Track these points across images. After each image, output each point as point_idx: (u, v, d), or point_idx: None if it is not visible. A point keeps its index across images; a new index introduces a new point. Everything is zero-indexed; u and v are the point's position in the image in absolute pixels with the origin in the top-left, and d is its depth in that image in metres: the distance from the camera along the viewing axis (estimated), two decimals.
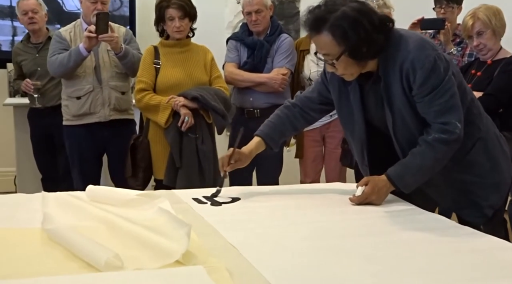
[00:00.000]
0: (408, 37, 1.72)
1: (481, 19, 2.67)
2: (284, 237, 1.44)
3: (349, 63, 1.70)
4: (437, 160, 1.75)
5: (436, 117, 1.71)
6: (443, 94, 1.69)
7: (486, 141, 1.85)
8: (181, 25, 2.99)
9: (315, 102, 1.99)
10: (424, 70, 1.66)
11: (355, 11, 1.65)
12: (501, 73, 2.65)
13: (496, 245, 1.40)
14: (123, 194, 1.78)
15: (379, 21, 1.69)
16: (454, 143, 1.73)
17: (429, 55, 1.67)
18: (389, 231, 1.51)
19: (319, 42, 1.72)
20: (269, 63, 3.25)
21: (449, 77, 1.70)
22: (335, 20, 1.65)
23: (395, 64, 1.71)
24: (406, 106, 1.74)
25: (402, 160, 1.79)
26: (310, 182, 3.53)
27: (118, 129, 3.27)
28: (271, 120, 2.03)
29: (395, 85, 1.73)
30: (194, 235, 1.39)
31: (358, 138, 1.88)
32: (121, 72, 3.25)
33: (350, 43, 1.65)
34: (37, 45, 3.70)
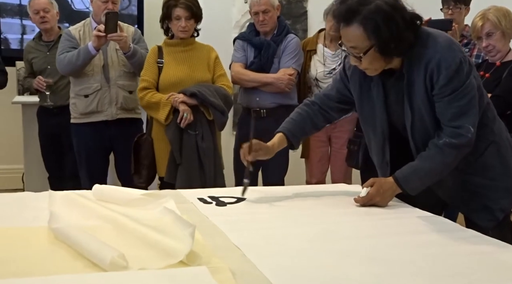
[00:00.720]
0: (437, 37, 1.71)
1: (490, 20, 2.66)
2: (288, 239, 1.44)
3: (375, 58, 1.69)
4: (446, 164, 1.75)
5: (451, 120, 1.71)
6: (463, 97, 1.69)
7: (499, 145, 1.85)
8: (186, 25, 3.01)
9: (333, 100, 1.99)
10: (450, 71, 1.66)
11: (389, 5, 1.63)
12: (510, 75, 2.64)
13: (500, 248, 1.40)
14: (129, 194, 1.79)
15: (410, 18, 1.67)
16: (465, 147, 1.73)
17: (456, 56, 1.67)
18: (392, 233, 1.52)
19: (347, 34, 1.68)
20: (275, 63, 3.26)
21: (470, 81, 1.69)
22: (368, 13, 1.62)
23: (420, 62, 1.70)
24: (427, 105, 1.73)
25: (411, 163, 1.78)
26: (316, 182, 3.53)
27: (125, 127, 3.29)
28: (292, 117, 2.02)
29: (418, 84, 1.72)
30: (198, 235, 1.40)
31: (381, 133, 1.86)
32: (129, 71, 3.27)
33: (381, 38, 1.63)
34: (48, 43, 3.72)
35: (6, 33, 4.59)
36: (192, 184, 2.96)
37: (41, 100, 3.71)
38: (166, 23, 3.10)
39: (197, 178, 2.99)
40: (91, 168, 3.32)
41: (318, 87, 3.40)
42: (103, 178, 3.37)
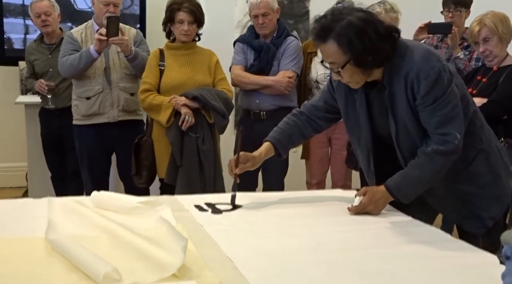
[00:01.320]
0: (414, 48, 1.74)
1: (487, 25, 2.67)
2: (281, 250, 1.47)
3: (354, 71, 1.73)
4: (435, 171, 1.78)
5: (437, 128, 1.73)
6: (445, 105, 1.71)
7: (488, 153, 1.87)
8: (189, 29, 3.04)
9: (321, 110, 2.02)
10: (429, 81, 1.69)
11: (361, 20, 1.68)
12: (506, 80, 2.65)
13: (490, 261, 1.42)
14: (126, 202, 1.82)
15: (385, 31, 1.71)
16: (452, 154, 1.75)
17: (434, 66, 1.70)
18: (384, 245, 1.54)
19: (325, 51, 1.75)
20: (275, 66, 3.27)
21: (451, 89, 1.72)
22: (340, 29, 1.67)
23: (400, 74, 1.73)
24: (409, 115, 1.76)
25: (401, 171, 1.82)
26: (316, 183, 3.56)
27: (126, 129, 3.32)
28: (279, 127, 2.06)
29: (399, 95, 1.75)
30: (192, 246, 1.43)
31: (365, 145, 1.90)
32: (131, 73, 3.30)
33: (355, 52, 1.68)
34: (50, 46, 3.74)
35: (9, 33, 4.63)
36: (192, 186, 3.00)
37: (43, 102, 3.75)
38: (168, 26, 3.12)
39: (197, 180, 3.03)
40: (93, 169, 3.36)
41: (319, 89, 3.41)
42: (105, 178, 3.41)
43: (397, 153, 1.83)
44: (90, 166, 3.35)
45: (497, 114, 2.60)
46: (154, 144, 3.14)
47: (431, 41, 3.46)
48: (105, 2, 3.20)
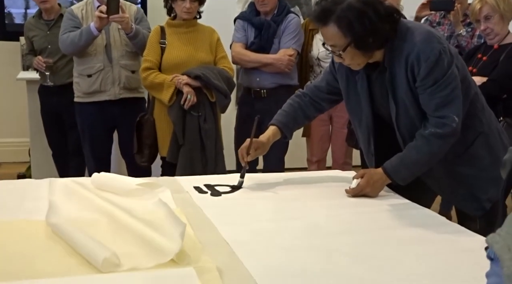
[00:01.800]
0: (415, 29, 1.74)
1: (489, 3, 2.64)
2: (278, 234, 1.49)
3: (355, 53, 1.73)
4: (433, 154, 1.79)
5: (435, 110, 1.74)
6: (445, 87, 1.71)
7: (488, 136, 1.87)
8: (191, 7, 3.02)
9: (323, 91, 2.03)
10: (429, 62, 1.69)
11: (360, 2, 1.67)
12: (506, 59, 2.64)
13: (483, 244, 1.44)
14: (126, 183, 1.85)
15: (385, 11, 1.70)
16: (450, 137, 1.76)
17: (435, 48, 1.69)
18: (381, 228, 1.56)
19: (326, 34, 1.75)
20: (276, 44, 3.26)
21: (451, 71, 1.72)
22: (341, 12, 1.67)
23: (401, 55, 1.73)
24: (410, 97, 1.76)
25: (399, 153, 1.83)
26: (317, 161, 3.58)
27: (128, 106, 3.33)
28: (284, 109, 2.06)
29: (400, 76, 1.75)
30: (190, 230, 1.46)
31: (365, 126, 1.91)
32: (132, 51, 3.29)
33: (355, 34, 1.68)
34: (48, 22, 3.71)
35: (9, 8, 4.59)
36: (193, 164, 3.03)
37: (41, 79, 3.74)
38: (169, 3, 3.10)
39: (198, 159, 3.05)
40: (95, 146, 3.38)
41: (320, 67, 3.40)
42: (107, 156, 3.44)
43: (397, 134, 1.84)
44: (92, 143, 3.37)
45: (496, 93, 2.59)
46: (155, 123, 3.15)
47: (434, 18, 3.43)
48: None
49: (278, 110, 3.24)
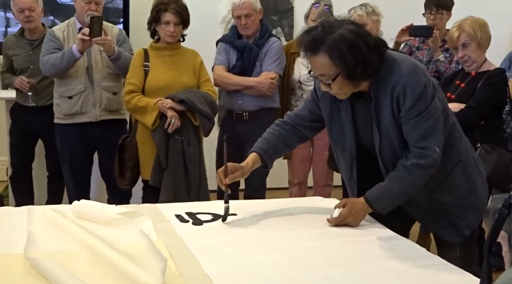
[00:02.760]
0: (402, 61, 1.77)
1: (466, 31, 2.69)
2: (261, 267, 1.49)
3: (344, 83, 1.75)
4: (414, 184, 1.82)
5: (418, 141, 1.77)
6: (428, 119, 1.75)
7: (466, 164, 1.91)
8: (175, 31, 3.03)
9: (305, 119, 2.03)
10: (414, 94, 1.72)
11: (352, 33, 1.70)
12: (484, 86, 2.69)
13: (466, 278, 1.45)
14: (107, 212, 1.83)
15: (374, 43, 1.74)
16: (431, 168, 1.79)
17: (420, 80, 1.73)
18: (363, 260, 1.56)
19: (315, 63, 1.76)
20: (257, 67, 3.28)
21: (434, 104, 1.75)
22: (333, 42, 1.69)
23: (387, 86, 1.76)
24: (394, 127, 1.79)
25: (381, 183, 1.84)
26: (298, 183, 3.60)
27: (109, 128, 3.31)
28: (264, 137, 2.05)
29: (385, 106, 1.78)
30: (171, 264, 1.45)
31: (349, 154, 1.92)
32: (113, 72, 3.28)
33: (346, 65, 1.70)
34: (31, 42, 3.63)
35: None
36: (177, 188, 3.02)
37: (21, 99, 3.61)
38: (153, 26, 3.11)
39: (182, 183, 3.04)
40: (75, 168, 3.35)
41: (301, 90, 3.44)
42: (87, 178, 3.41)
43: (380, 163, 1.86)
44: (72, 165, 3.34)
45: (474, 120, 2.64)
46: (138, 145, 3.14)
47: (413, 43, 3.50)
48: (86, 0, 3.17)
49: (260, 132, 3.25)
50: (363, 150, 1.91)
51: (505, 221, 0.79)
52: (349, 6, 3.26)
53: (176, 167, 3.02)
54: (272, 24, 3.90)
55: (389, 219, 1.88)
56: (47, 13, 4.26)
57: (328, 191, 3.54)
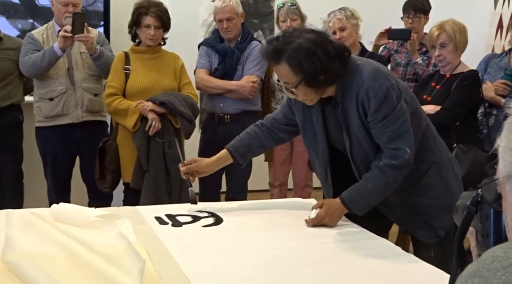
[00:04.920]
0: (363, 67, 1.81)
1: (447, 31, 2.74)
2: (239, 267, 1.51)
3: (307, 90, 1.80)
4: (388, 184, 1.85)
5: (388, 143, 1.80)
6: (395, 121, 1.78)
7: (440, 165, 1.94)
8: (155, 34, 3.04)
9: (281, 123, 2.08)
10: (377, 98, 1.76)
11: (310, 42, 1.74)
12: (458, 88, 2.74)
13: (439, 276, 1.48)
14: (86, 215, 1.84)
15: (335, 51, 1.77)
16: (404, 168, 1.82)
17: (382, 84, 1.76)
18: (339, 260, 1.59)
19: (278, 72, 1.83)
20: (239, 70, 3.30)
21: (401, 106, 1.79)
22: (291, 52, 1.73)
23: (351, 91, 1.80)
24: (362, 131, 1.83)
25: (356, 184, 1.88)
26: (279, 185, 3.62)
27: (90, 130, 3.30)
28: (239, 136, 2.12)
29: (352, 111, 1.82)
30: (150, 264, 1.46)
31: (322, 158, 1.96)
32: (94, 74, 3.28)
33: (306, 73, 1.74)
34: None
35: None
36: (158, 190, 3.02)
37: None
38: (134, 29, 3.12)
39: (163, 185, 3.04)
40: (57, 172, 3.33)
41: (282, 92, 3.46)
42: (68, 181, 3.39)
43: (352, 165, 1.90)
44: (54, 169, 3.32)
45: (449, 122, 2.69)
46: (119, 148, 3.14)
47: (392, 46, 3.55)
48: (64, 3, 3.17)
49: None
50: (337, 152, 1.95)
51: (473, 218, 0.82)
52: (328, 10, 3.30)
53: (157, 169, 3.03)
54: (253, 27, 3.93)
55: (368, 221, 1.91)
56: (26, 16, 4.24)
57: (308, 191, 3.57)
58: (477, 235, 0.79)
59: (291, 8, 3.31)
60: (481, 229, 0.77)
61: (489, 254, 0.58)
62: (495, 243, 0.73)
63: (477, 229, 0.81)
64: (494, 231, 0.74)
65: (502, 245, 0.60)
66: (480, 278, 0.56)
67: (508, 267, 0.55)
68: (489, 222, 0.75)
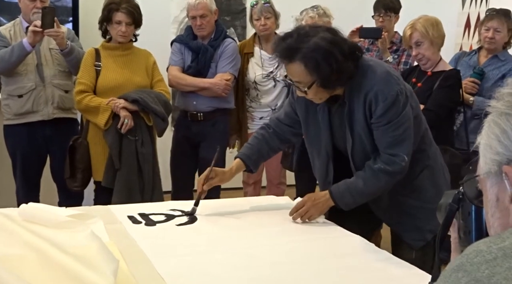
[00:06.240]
0: (376, 68, 1.79)
1: (418, 30, 2.75)
2: (214, 266, 1.50)
3: (319, 90, 1.76)
4: (379, 188, 1.86)
5: (387, 148, 1.80)
6: (398, 127, 1.78)
7: (433, 169, 1.96)
8: (126, 31, 3.00)
9: (284, 123, 2.05)
10: (386, 103, 1.75)
11: (328, 42, 1.70)
12: (440, 88, 2.74)
13: (416, 272, 1.50)
14: (57, 215, 1.79)
15: (349, 50, 1.74)
16: (398, 174, 1.83)
17: (393, 89, 1.75)
18: (314, 258, 1.60)
19: (291, 70, 1.77)
20: (213, 68, 3.28)
21: (405, 112, 1.79)
22: (308, 52, 1.69)
23: (360, 92, 1.78)
24: (366, 132, 1.82)
25: (347, 180, 1.88)
26: (253, 183, 3.62)
27: (61, 128, 3.24)
28: (249, 142, 2.09)
29: (358, 111, 1.80)
30: (123, 264, 1.44)
31: (325, 154, 1.94)
32: (64, 70, 3.22)
33: (322, 74, 1.70)
34: None
35: None
36: (130, 189, 2.98)
37: None
38: (104, 25, 3.06)
39: (135, 183, 3.01)
40: (27, 171, 3.25)
41: (257, 90, 3.46)
42: (37, 180, 3.32)
43: (351, 166, 1.89)
44: (24, 168, 3.24)
45: (432, 123, 2.66)
46: (89, 146, 3.09)
47: (363, 44, 3.57)
48: None
49: (214, 133, 3.31)
50: (338, 152, 1.94)
51: (455, 215, 0.82)
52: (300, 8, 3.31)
53: (130, 167, 2.99)
54: (225, 24, 3.89)
55: (355, 220, 1.91)
56: None
57: (282, 189, 3.58)
58: (459, 232, 0.80)
59: (264, 6, 3.31)
60: (463, 226, 0.78)
61: (472, 249, 0.58)
62: (476, 239, 0.74)
63: (459, 225, 0.82)
64: (475, 227, 0.75)
65: (485, 239, 0.60)
66: (464, 272, 0.56)
67: (491, 261, 0.55)
68: (470, 219, 0.76)
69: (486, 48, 3.13)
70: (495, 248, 0.57)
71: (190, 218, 1.92)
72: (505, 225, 0.65)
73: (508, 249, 0.56)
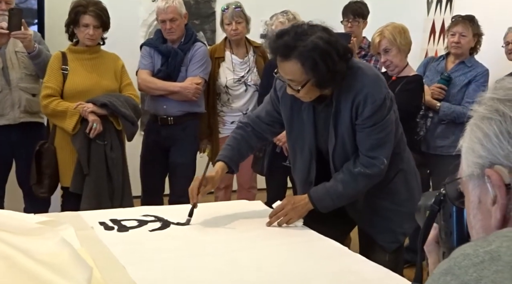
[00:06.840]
0: (366, 71, 1.80)
1: (386, 37, 2.81)
2: (188, 271, 1.48)
3: (311, 89, 1.76)
4: (358, 191, 1.88)
5: (369, 150, 1.82)
6: (382, 130, 1.80)
7: (406, 173, 1.99)
8: (94, 34, 2.96)
9: (263, 121, 2.03)
10: (374, 105, 1.77)
11: (325, 41, 1.69)
12: (399, 92, 2.79)
13: (390, 275, 1.52)
14: (25, 221, 1.75)
15: (343, 51, 1.74)
16: (376, 177, 1.85)
17: (382, 92, 1.78)
18: (291, 261, 1.60)
19: (285, 68, 1.75)
20: (183, 72, 3.25)
21: (390, 116, 1.81)
22: (305, 51, 1.67)
23: (349, 93, 1.78)
24: (350, 133, 1.83)
25: (326, 183, 1.88)
26: (224, 187, 3.60)
27: (27, 132, 3.17)
28: (228, 143, 2.05)
29: (344, 112, 1.81)
30: (96, 272, 1.40)
31: (308, 153, 1.93)
32: (31, 73, 3.15)
33: (318, 74, 1.70)
34: None
35: None
36: (99, 194, 2.93)
37: None
38: (71, 28, 3.01)
39: (105, 189, 2.96)
40: None
41: (228, 94, 3.45)
42: (2, 186, 3.23)
43: (331, 167, 1.90)
44: None
45: None
46: (57, 151, 3.02)
47: None
48: None
49: (185, 137, 3.29)
50: (319, 153, 1.94)
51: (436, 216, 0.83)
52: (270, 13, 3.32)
53: (99, 172, 2.94)
54: (195, 28, 3.87)
55: (330, 222, 1.93)
56: None
57: (253, 193, 3.58)
58: (440, 233, 0.81)
59: (235, 10, 3.30)
60: (444, 227, 0.79)
61: (459, 252, 0.59)
62: (458, 241, 0.75)
63: (440, 227, 0.83)
64: (456, 229, 0.76)
65: (471, 243, 0.61)
66: (452, 276, 0.57)
67: (478, 264, 0.56)
68: (451, 220, 0.77)
69: (453, 53, 3.21)
70: (482, 251, 0.58)
71: (163, 223, 1.90)
72: (487, 227, 0.66)
73: (495, 252, 0.57)
